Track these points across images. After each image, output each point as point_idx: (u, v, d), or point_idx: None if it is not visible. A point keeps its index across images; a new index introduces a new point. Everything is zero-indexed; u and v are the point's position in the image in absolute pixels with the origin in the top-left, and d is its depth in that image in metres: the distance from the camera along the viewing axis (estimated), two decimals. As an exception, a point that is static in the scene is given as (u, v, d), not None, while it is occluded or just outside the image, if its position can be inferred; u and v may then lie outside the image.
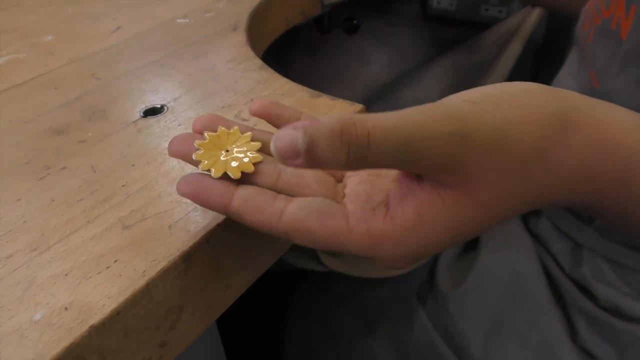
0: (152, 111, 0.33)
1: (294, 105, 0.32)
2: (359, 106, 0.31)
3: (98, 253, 0.23)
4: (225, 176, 0.22)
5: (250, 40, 0.41)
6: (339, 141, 0.18)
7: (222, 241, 0.24)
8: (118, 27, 0.45)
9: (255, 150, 0.24)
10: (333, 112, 0.31)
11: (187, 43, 0.41)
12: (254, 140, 0.24)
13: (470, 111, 0.21)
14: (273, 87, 0.34)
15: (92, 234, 0.24)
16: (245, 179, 0.23)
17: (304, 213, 0.21)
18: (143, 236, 0.23)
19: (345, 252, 0.22)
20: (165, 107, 0.33)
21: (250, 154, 0.24)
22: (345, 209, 0.22)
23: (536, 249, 0.46)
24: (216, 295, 0.24)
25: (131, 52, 0.41)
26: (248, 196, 0.21)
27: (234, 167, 0.23)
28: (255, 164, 0.23)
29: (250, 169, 0.23)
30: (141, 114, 0.33)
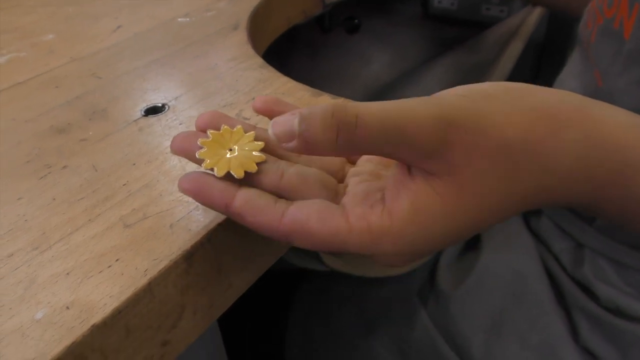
0: (153, 110, 0.33)
1: (295, 104, 0.32)
2: (360, 105, 0.31)
3: (99, 252, 0.23)
4: (229, 175, 0.22)
5: (251, 39, 0.41)
6: (329, 120, 0.19)
7: (224, 240, 0.24)
8: (119, 26, 0.45)
9: (259, 150, 0.24)
10: (334, 111, 0.31)
11: (188, 42, 0.41)
12: (257, 139, 0.24)
13: (458, 101, 0.21)
14: (274, 86, 0.34)
15: (94, 232, 0.24)
16: (248, 178, 0.23)
17: (304, 214, 0.21)
18: (144, 235, 0.23)
19: (346, 252, 0.22)
20: (166, 106, 0.33)
21: (253, 153, 0.24)
22: (345, 208, 0.22)
23: (537, 249, 0.46)
24: (217, 294, 0.24)
25: (132, 51, 0.41)
26: (250, 197, 0.22)
27: (237, 167, 0.23)
28: (258, 163, 0.23)
29: (254, 168, 0.23)
30: (142, 113, 0.32)
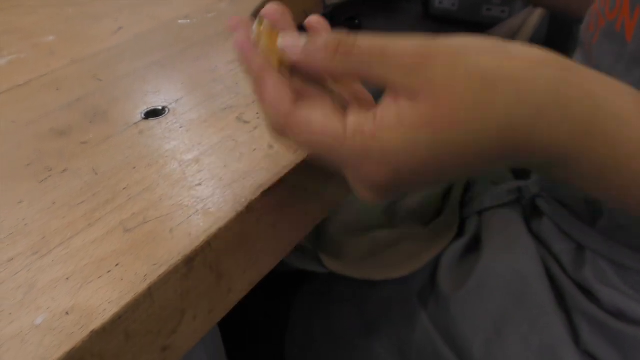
0: (154, 113, 0.33)
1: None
2: (361, 108, 0.31)
3: (99, 257, 0.23)
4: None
5: (252, 41, 0.41)
6: (332, 37, 0.24)
7: (224, 245, 0.24)
8: (119, 28, 0.45)
9: None
10: (335, 114, 0.30)
11: (189, 44, 0.41)
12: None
13: (441, 38, 0.25)
14: (275, 89, 0.34)
15: (94, 237, 0.24)
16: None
17: (311, 107, 0.24)
18: (144, 240, 0.23)
19: (336, 159, 0.24)
20: (166, 109, 0.33)
21: None
22: (344, 118, 0.25)
23: (538, 251, 0.46)
24: (217, 299, 0.24)
25: (132, 53, 0.41)
26: (278, 78, 0.25)
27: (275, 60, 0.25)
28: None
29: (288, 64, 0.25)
30: (143, 116, 0.32)
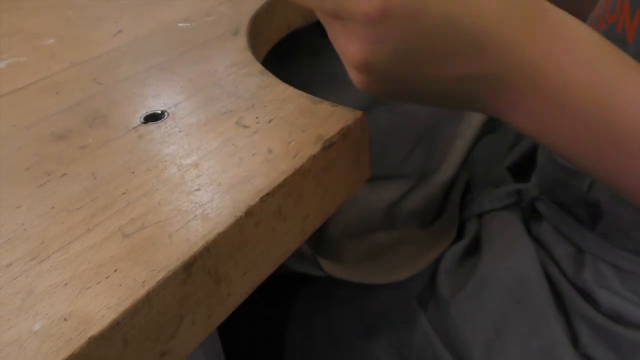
0: (153, 117, 0.33)
1: (295, 111, 0.32)
2: (359, 113, 0.31)
3: (98, 262, 0.23)
4: None
5: (251, 44, 0.41)
6: None
7: (223, 251, 0.24)
8: (119, 31, 0.45)
9: None
10: (334, 118, 0.31)
11: (189, 47, 0.41)
12: None
13: None
14: (274, 93, 0.34)
15: (92, 242, 0.24)
16: None
17: None
18: (143, 245, 0.23)
19: (342, 10, 0.23)
20: (165, 113, 0.33)
21: None
22: None
23: (538, 254, 0.46)
24: (216, 304, 0.24)
25: (132, 56, 0.41)
26: None
27: None
28: None
29: None
30: (142, 120, 0.32)
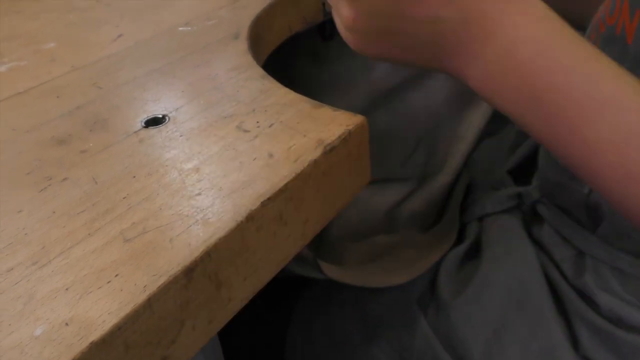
0: (154, 121, 0.33)
1: (296, 116, 0.32)
2: (360, 117, 0.31)
3: (99, 267, 0.23)
4: None
5: (252, 48, 0.41)
6: None
7: (224, 255, 0.24)
8: (120, 35, 0.45)
9: None
10: (335, 123, 0.31)
11: (189, 51, 0.41)
12: None
13: None
14: (275, 97, 0.34)
15: (93, 247, 0.24)
16: None
17: None
18: (144, 250, 0.23)
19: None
20: (166, 117, 0.33)
21: None
22: None
23: (539, 257, 0.46)
24: (217, 309, 0.24)
25: (133, 60, 0.41)
26: None
27: None
28: None
29: None
30: (143, 124, 0.33)
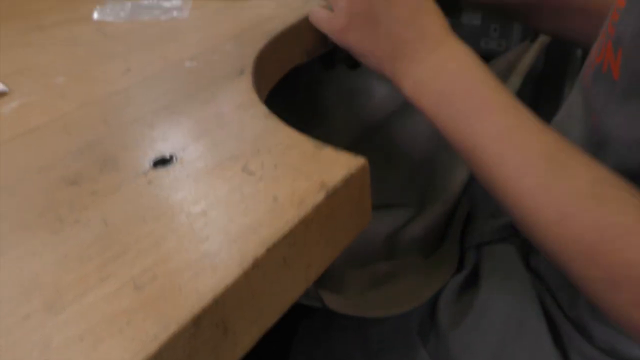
0: (162, 162, 0.34)
1: (299, 157, 0.33)
2: (361, 159, 0.32)
3: (111, 314, 0.24)
4: None
5: (256, 83, 0.42)
6: None
7: (231, 302, 0.25)
8: (128, 69, 0.46)
9: None
10: (337, 165, 0.32)
11: (195, 88, 0.42)
12: None
13: None
14: (279, 137, 0.35)
15: (105, 293, 0.25)
16: None
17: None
18: (154, 296, 0.24)
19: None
20: (174, 158, 0.34)
21: None
22: None
23: (535, 287, 0.47)
24: (224, 354, 0.25)
25: (141, 97, 0.42)
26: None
27: None
28: None
29: None
30: (151, 165, 0.34)
